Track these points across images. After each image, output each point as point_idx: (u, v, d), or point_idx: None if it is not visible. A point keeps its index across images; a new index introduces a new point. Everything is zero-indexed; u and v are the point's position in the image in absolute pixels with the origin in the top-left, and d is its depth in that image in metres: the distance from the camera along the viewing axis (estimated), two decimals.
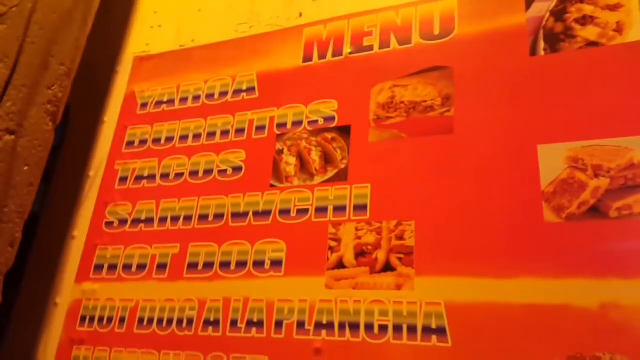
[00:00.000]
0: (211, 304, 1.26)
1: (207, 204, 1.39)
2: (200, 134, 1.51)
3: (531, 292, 0.99)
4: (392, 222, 1.17)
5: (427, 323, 1.04)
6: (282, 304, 1.19)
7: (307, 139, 1.35)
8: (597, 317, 0.93)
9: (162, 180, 1.49)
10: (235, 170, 1.40)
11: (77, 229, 1.51)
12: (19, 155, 1.21)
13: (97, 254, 1.45)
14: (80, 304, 1.40)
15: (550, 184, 1.06)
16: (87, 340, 1.34)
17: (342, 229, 1.21)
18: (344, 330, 1.11)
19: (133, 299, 1.35)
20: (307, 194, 1.28)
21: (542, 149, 1.09)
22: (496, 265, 1.03)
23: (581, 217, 1.01)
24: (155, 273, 1.36)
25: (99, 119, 1.68)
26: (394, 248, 1.14)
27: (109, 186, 1.55)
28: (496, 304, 1.00)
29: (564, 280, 0.97)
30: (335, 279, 1.17)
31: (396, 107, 1.27)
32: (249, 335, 1.18)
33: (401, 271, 1.11)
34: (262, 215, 1.31)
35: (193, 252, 1.34)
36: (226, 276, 1.28)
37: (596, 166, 1.04)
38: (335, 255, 1.19)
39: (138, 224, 1.45)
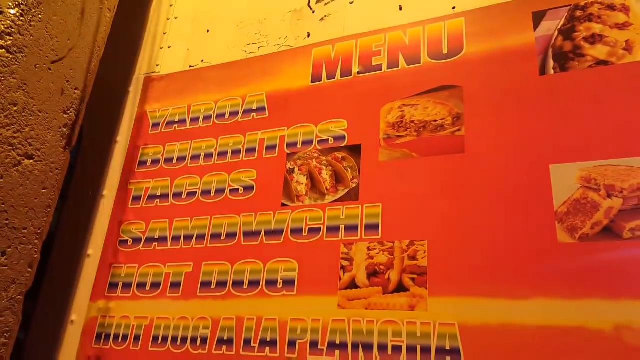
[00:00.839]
0: (224, 322, 1.27)
1: (220, 222, 1.41)
2: (211, 153, 1.53)
3: (545, 313, 0.99)
4: (405, 242, 1.17)
5: (441, 344, 1.05)
6: (295, 324, 1.19)
7: (317, 158, 1.37)
8: (611, 339, 0.93)
9: (175, 200, 1.51)
10: (246, 190, 1.42)
11: (92, 248, 1.54)
12: (37, 178, 1.24)
13: (111, 272, 1.47)
14: (96, 322, 1.42)
15: (563, 204, 1.06)
16: (103, 357, 1.36)
17: (354, 249, 1.22)
18: (357, 351, 1.11)
19: (147, 317, 1.36)
20: (318, 213, 1.30)
21: (555, 168, 1.09)
22: (510, 286, 1.03)
23: (595, 237, 1.01)
24: (169, 291, 1.37)
25: (112, 139, 1.71)
26: (406, 268, 1.15)
27: (122, 205, 1.57)
28: (510, 325, 1.00)
29: (577, 301, 0.97)
30: (348, 299, 1.17)
31: (406, 126, 1.28)
32: (262, 355, 1.19)
33: (414, 291, 1.12)
34: (274, 234, 1.33)
35: (206, 271, 1.36)
36: (239, 295, 1.29)
37: (609, 186, 1.04)
38: (348, 275, 1.20)
39: (152, 243, 1.47)
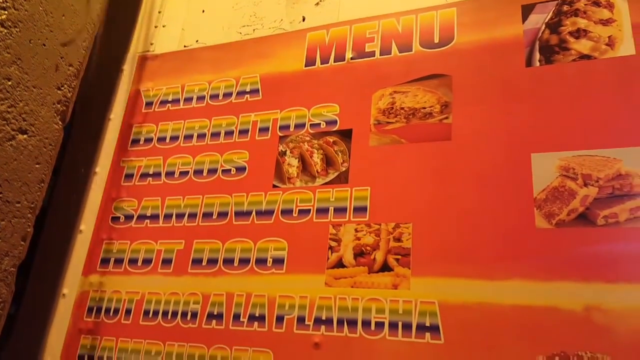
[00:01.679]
0: (215, 298, 1.31)
1: (212, 202, 1.44)
2: (204, 133, 1.55)
3: (520, 294, 1.04)
4: (391, 224, 1.22)
5: (422, 321, 1.10)
6: (284, 300, 1.24)
7: (309, 142, 1.40)
8: (581, 319, 0.99)
9: (167, 178, 1.53)
10: (238, 170, 1.45)
11: (84, 224, 1.56)
12: (31, 153, 1.25)
13: (103, 247, 1.50)
14: (87, 296, 1.45)
15: (542, 191, 1.11)
16: (94, 330, 1.40)
17: (342, 230, 1.26)
18: (342, 326, 1.16)
19: (139, 292, 1.40)
20: (308, 195, 1.33)
21: (536, 157, 1.14)
22: (488, 268, 1.09)
23: (570, 223, 1.07)
24: (161, 267, 1.41)
25: (105, 117, 1.72)
26: (391, 249, 1.20)
27: (115, 182, 1.59)
28: (487, 304, 1.06)
29: (551, 283, 1.03)
30: (334, 278, 1.22)
31: (396, 112, 1.32)
32: (251, 329, 1.24)
33: (398, 271, 1.17)
34: (264, 215, 1.36)
35: (197, 249, 1.39)
36: (229, 272, 1.33)
37: (586, 175, 1.09)
38: (335, 254, 1.24)
39: (144, 220, 1.50)
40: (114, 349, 1.35)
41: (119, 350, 1.35)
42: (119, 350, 1.35)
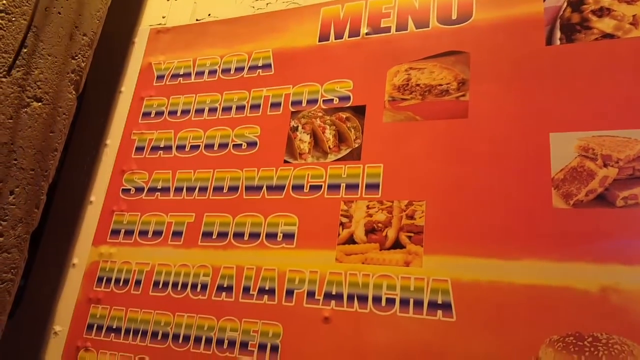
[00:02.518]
0: (225, 271, 1.31)
1: (222, 176, 1.43)
2: (216, 108, 1.54)
3: (534, 274, 1.03)
4: (403, 202, 1.21)
5: (434, 298, 1.09)
6: (294, 274, 1.24)
7: (321, 118, 1.38)
8: (596, 300, 0.98)
9: (178, 152, 1.53)
10: (250, 145, 1.44)
11: (94, 195, 1.56)
12: (45, 121, 1.25)
13: (114, 219, 1.50)
14: (98, 266, 1.46)
15: (560, 171, 1.09)
16: (103, 300, 1.40)
17: (353, 206, 1.25)
18: (352, 302, 1.16)
19: (149, 263, 1.40)
20: (320, 171, 1.32)
21: (554, 136, 1.12)
22: (503, 247, 1.08)
23: (588, 204, 1.05)
24: (171, 239, 1.41)
25: (116, 89, 1.71)
26: (404, 227, 1.19)
27: (125, 155, 1.59)
28: (500, 282, 1.05)
29: (566, 263, 1.02)
30: (345, 254, 1.21)
31: (411, 89, 1.30)
32: (260, 302, 1.24)
33: (410, 249, 1.16)
34: (275, 190, 1.35)
35: (208, 222, 1.39)
36: (240, 246, 1.33)
37: (606, 156, 1.07)
38: (346, 231, 1.24)
39: (154, 193, 1.50)
40: (124, 319, 1.36)
41: (128, 320, 1.36)
42: (128, 320, 1.36)
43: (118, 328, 1.36)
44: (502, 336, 1.01)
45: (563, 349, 0.96)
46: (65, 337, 1.41)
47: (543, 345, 0.98)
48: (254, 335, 1.22)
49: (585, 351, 0.95)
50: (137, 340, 1.32)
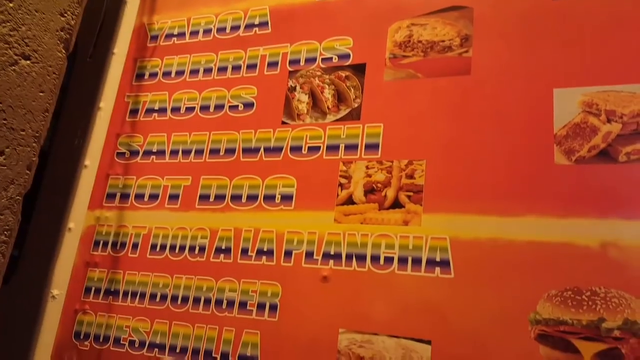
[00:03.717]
0: (222, 233, 1.30)
1: (219, 138, 1.41)
2: (211, 68, 1.50)
3: (534, 230, 1.03)
4: (403, 161, 1.19)
5: (432, 256, 1.09)
6: (292, 235, 1.23)
7: (320, 77, 1.35)
8: (596, 255, 0.97)
9: (173, 114, 1.50)
10: (246, 107, 1.41)
11: (89, 159, 1.53)
12: (35, 80, 1.21)
13: (109, 183, 1.48)
14: (94, 230, 1.44)
15: (563, 127, 1.07)
16: (101, 264, 1.40)
17: (352, 167, 1.23)
18: (350, 261, 1.15)
19: (146, 226, 1.39)
20: (318, 131, 1.30)
21: (558, 92, 1.10)
22: (503, 204, 1.07)
23: (590, 160, 1.03)
24: (168, 203, 1.39)
25: (109, 51, 1.66)
26: (403, 186, 1.17)
27: (119, 118, 1.56)
28: (500, 239, 1.05)
29: (567, 219, 1.01)
30: (344, 214, 1.20)
31: (413, 46, 1.26)
32: (259, 263, 1.23)
33: (409, 208, 1.15)
34: (273, 152, 1.33)
35: (205, 185, 1.37)
36: (237, 208, 1.31)
37: (609, 111, 1.05)
38: (345, 191, 1.22)
39: (149, 156, 1.47)
40: (121, 282, 1.36)
41: (126, 282, 1.35)
42: (126, 282, 1.35)
43: (116, 291, 1.36)
44: (501, 292, 1.01)
45: (561, 303, 0.96)
46: (63, 300, 1.40)
47: (541, 299, 0.98)
48: (252, 295, 1.21)
49: (583, 305, 0.95)
50: (135, 302, 1.32)
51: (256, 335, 1.18)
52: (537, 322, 0.97)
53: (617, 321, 0.92)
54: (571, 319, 0.95)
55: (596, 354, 0.92)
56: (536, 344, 0.96)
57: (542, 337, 0.96)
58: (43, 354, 1.37)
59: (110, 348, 1.31)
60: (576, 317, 0.95)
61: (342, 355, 1.09)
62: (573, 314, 0.95)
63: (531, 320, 0.98)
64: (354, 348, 1.09)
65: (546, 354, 0.95)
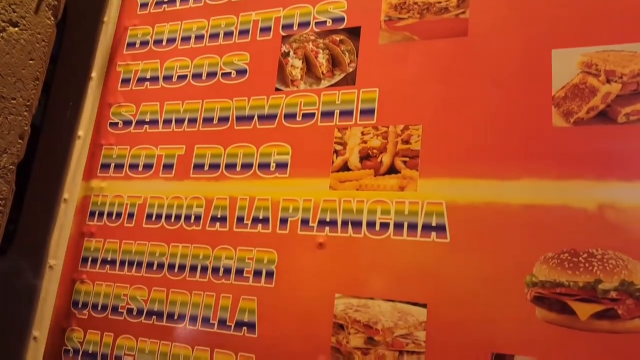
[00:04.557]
0: (218, 202, 1.29)
1: (212, 106, 1.39)
2: (202, 35, 1.46)
3: (531, 193, 1.01)
4: (399, 127, 1.17)
5: (428, 221, 1.08)
6: (287, 203, 1.22)
7: (314, 41, 1.32)
8: (593, 217, 0.96)
9: (165, 82, 1.47)
10: (239, 73, 1.38)
11: (82, 129, 1.52)
12: (24, 48, 1.18)
13: (103, 153, 1.47)
14: (89, 200, 1.44)
15: (561, 88, 1.05)
16: (97, 234, 1.39)
17: (347, 133, 1.21)
18: (346, 227, 1.15)
19: (141, 196, 1.38)
20: (313, 98, 1.28)
21: (556, 53, 1.07)
22: (499, 168, 1.05)
23: (589, 121, 1.02)
24: (162, 172, 1.38)
25: (98, 20, 1.62)
26: (399, 152, 1.16)
27: (111, 87, 1.53)
28: (496, 203, 1.04)
29: (564, 181, 1.00)
30: (339, 181, 1.19)
31: (409, 7, 1.23)
32: (255, 231, 1.23)
33: (405, 174, 1.14)
34: (267, 119, 1.31)
35: (199, 154, 1.36)
36: (232, 177, 1.30)
37: (609, 71, 1.02)
38: (341, 158, 1.21)
39: (142, 125, 1.45)
40: (118, 251, 1.36)
41: (122, 252, 1.35)
42: (122, 252, 1.35)
43: (113, 260, 1.36)
44: (497, 255, 1.01)
45: (557, 266, 0.96)
46: (60, 270, 1.41)
47: (537, 262, 0.97)
48: (249, 262, 1.21)
49: (580, 267, 0.94)
50: (132, 271, 1.33)
51: (253, 301, 1.18)
52: (533, 285, 0.97)
53: (614, 282, 0.92)
54: (567, 281, 0.95)
55: (592, 315, 0.92)
56: (532, 306, 0.96)
57: (538, 299, 0.96)
58: (43, 324, 1.38)
59: (108, 316, 1.32)
60: (572, 279, 0.95)
61: (338, 320, 1.09)
62: (569, 276, 0.95)
63: (527, 282, 0.97)
64: (350, 312, 1.09)
65: (542, 316, 0.95)
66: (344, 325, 1.09)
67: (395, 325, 1.05)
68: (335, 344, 1.08)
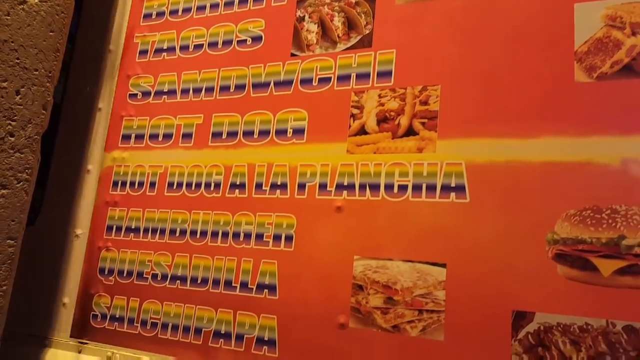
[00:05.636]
0: (236, 169, 1.31)
1: (228, 75, 1.39)
2: (217, 3, 1.46)
3: (552, 151, 1.00)
4: (417, 88, 1.16)
5: (447, 182, 1.08)
6: (305, 168, 1.23)
7: (329, 4, 1.30)
8: (617, 172, 0.95)
9: (182, 52, 1.48)
10: (254, 40, 1.38)
11: (102, 101, 1.54)
12: (44, 20, 1.20)
13: (123, 124, 1.49)
14: (112, 171, 1.47)
15: (584, 43, 1.02)
16: (120, 203, 1.43)
17: (364, 96, 1.21)
18: (364, 191, 1.15)
19: (162, 165, 1.40)
20: (329, 62, 1.27)
21: (579, 7, 1.04)
22: (520, 126, 1.03)
23: (613, 76, 0.99)
24: (181, 142, 1.40)
25: None
26: (417, 113, 1.14)
27: (130, 59, 1.55)
28: (516, 162, 1.02)
29: (587, 138, 0.98)
30: (356, 145, 1.19)
31: None
32: (273, 196, 1.24)
33: (423, 135, 1.13)
34: (283, 85, 1.31)
35: (216, 122, 1.37)
36: (250, 144, 1.31)
37: (634, 24, 0.99)
38: (358, 122, 1.20)
39: (161, 96, 1.47)
40: (141, 219, 1.39)
41: (146, 220, 1.38)
42: (146, 220, 1.38)
43: (137, 228, 1.39)
44: (518, 214, 1.00)
45: (580, 222, 0.94)
46: (86, 239, 1.45)
47: (559, 220, 0.96)
48: (268, 227, 1.23)
49: (603, 223, 0.93)
50: (156, 238, 1.36)
51: (274, 264, 1.20)
52: (554, 242, 0.96)
53: (638, 238, 0.91)
54: (590, 238, 0.94)
55: (615, 271, 0.91)
56: (554, 264, 0.95)
57: (560, 256, 0.95)
58: (71, 291, 1.43)
59: (134, 282, 1.35)
60: (595, 236, 0.93)
61: (357, 281, 1.10)
62: (592, 233, 0.94)
63: (549, 240, 0.96)
64: (369, 274, 1.10)
65: (564, 273, 0.95)
66: (363, 286, 1.10)
67: (414, 285, 1.06)
68: (355, 304, 1.10)
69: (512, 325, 0.96)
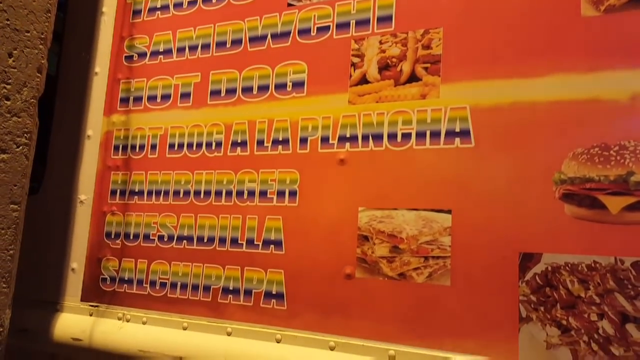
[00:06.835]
0: (237, 127, 1.29)
1: (224, 30, 1.35)
2: None
3: (558, 89, 0.97)
4: (419, 32, 1.12)
5: (451, 127, 1.05)
6: (306, 122, 1.20)
7: None
8: (626, 108, 0.92)
9: (176, 10, 1.44)
10: None
11: (98, 66, 1.51)
12: None
13: (120, 87, 1.47)
14: (112, 135, 1.46)
15: None
16: (122, 167, 1.42)
17: (365, 44, 1.17)
18: (367, 141, 1.13)
19: (162, 127, 1.39)
20: (327, 10, 1.23)
21: None
22: (525, 65, 1.00)
23: (622, 7, 0.94)
24: (180, 102, 1.38)
25: None
26: (420, 58, 1.11)
27: (124, 20, 1.51)
28: (522, 102, 0.99)
29: (594, 73, 0.94)
30: (358, 95, 1.16)
31: None
32: (275, 153, 1.23)
33: (427, 80, 1.10)
34: (280, 37, 1.28)
35: (214, 80, 1.34)
36: (249, 100, 1.29)
37: None
38: (359, 71, 1.17)
39: (157, 56, 1.44)
40: (145, 182, 1.38)
41: (149, 182, 1.38)
42: (149, 182, 1.38)
43: (140, 191, 1.39)
44: (524, 156, 0.98)
45: (587, 161, 0.92)
46: (91, 204, 1.45)
47: (566, 159, 0.94)
48: (272, 183, 1.22)
49: (611, 160, 0.91)
50: (160, 200, 1.35)
51: (278, 220, 1.19)
52: (562, 182, 0.94)
53: None
54: (598, 176, 0.92)
55: (624, 207, 0.90)
56: (561, 204, 0.94)
57: (567, 196, 0.94)
58: (79, 255, 1.44)
59: (141, 244, 1.36)
60: (603, 173, 0.91)
61: (362, 232, 1.10)
62: (600, 170, 0.92)
63: (555, 180, 0.95)
64: (374, 224, 1.09)
65: (571, 212, 0.93)
66: (368, 236, 1.09)
67: (419, 232, 1.05)
68: (361, 254, 1.09)
69: (520, 266, 0.95)
